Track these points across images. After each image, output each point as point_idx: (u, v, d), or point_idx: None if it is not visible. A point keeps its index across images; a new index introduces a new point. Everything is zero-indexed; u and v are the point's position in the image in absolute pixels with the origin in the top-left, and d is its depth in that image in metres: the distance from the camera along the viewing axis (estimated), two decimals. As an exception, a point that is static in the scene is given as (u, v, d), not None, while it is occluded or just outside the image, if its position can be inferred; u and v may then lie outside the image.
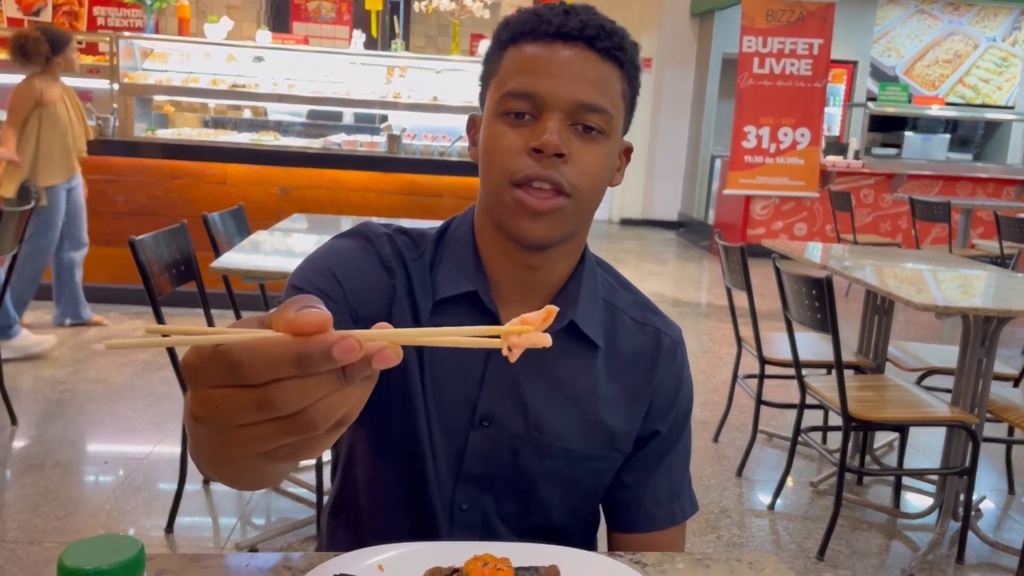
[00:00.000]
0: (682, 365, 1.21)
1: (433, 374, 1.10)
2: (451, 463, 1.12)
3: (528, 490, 1.14)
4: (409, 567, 0.93)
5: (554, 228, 1.03)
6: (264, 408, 0.49)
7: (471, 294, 1.09)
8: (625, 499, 1.19)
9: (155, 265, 2.68)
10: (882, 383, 3.30)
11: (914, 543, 3.19)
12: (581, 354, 1.13)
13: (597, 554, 1.00)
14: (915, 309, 2.84)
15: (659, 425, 1.17)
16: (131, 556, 0.55)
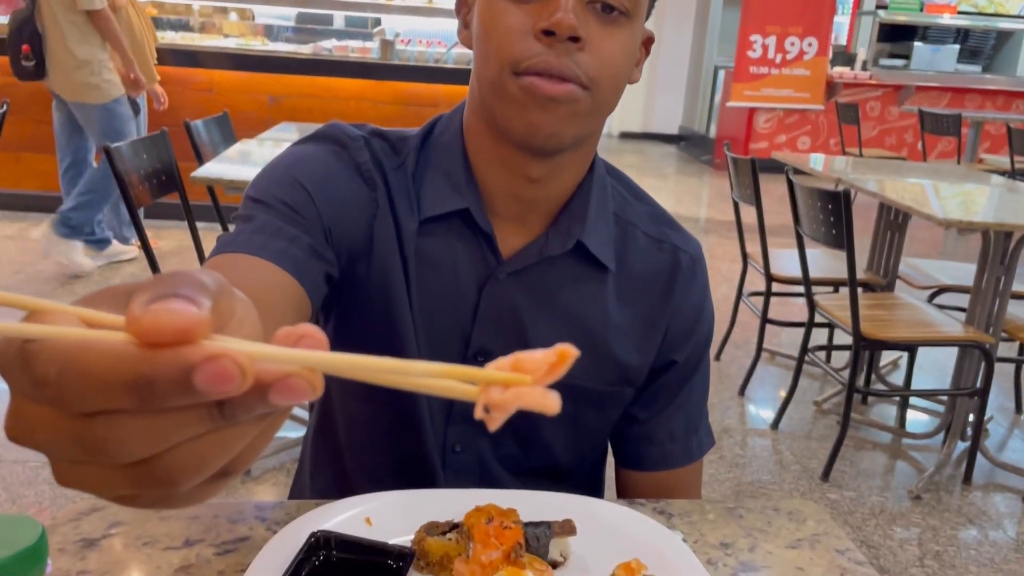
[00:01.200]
0: (703, 286, 1.05)
1: (421, 300, 0.95)
2: (442, 402, 0.98)
3: (529, 430, 1.00)
4: (400, 520, 0.81)
5: (566, 124, 0.85)
6: (89, 450, 0.32)
7: (462, 212, 0.93)
8: (636, 434, 1.06)
9: (134, 175, 2.51)
10: (893, 301, 3.18)
11: (920, 464, 3.13)
12: (589, 278, 0.98)
13: (616, 504, 0.88)
14: (937, 224, 2.69)
15: (676, 355, 1.03)
16: (31, 542, 0.42)
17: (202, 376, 0.30)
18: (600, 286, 0.99)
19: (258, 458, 0.37)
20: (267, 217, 0.87)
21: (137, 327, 0.30)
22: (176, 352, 0.30)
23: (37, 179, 5.54)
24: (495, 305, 0.95)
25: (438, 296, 0.95)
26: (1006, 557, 2.55)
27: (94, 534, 0.80)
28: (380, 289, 0.94)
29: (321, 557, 0.75)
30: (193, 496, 0.36)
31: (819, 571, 0.81)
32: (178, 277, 0.32)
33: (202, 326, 0.30)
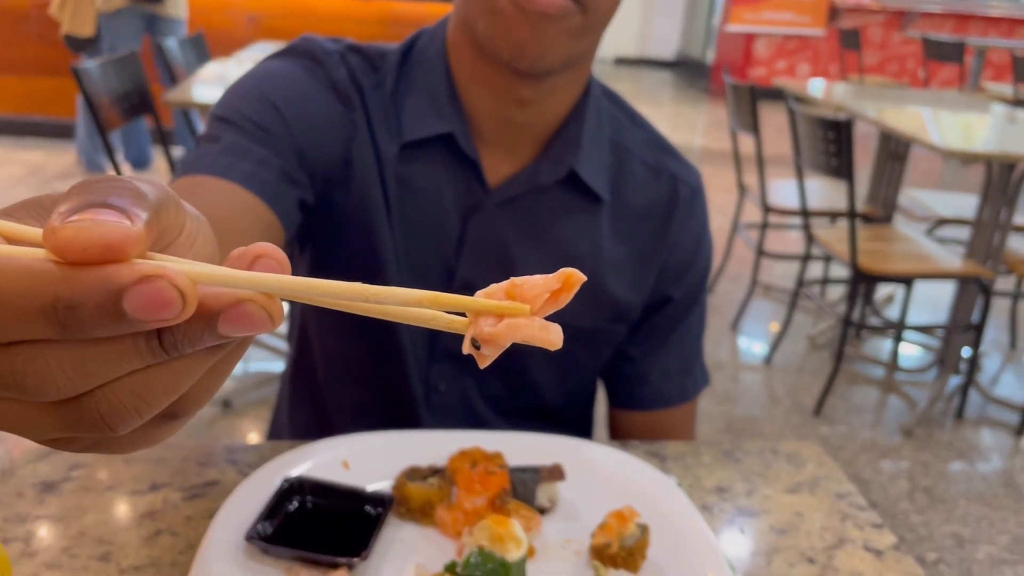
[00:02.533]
0: (702, 219, 0.99)
1: (403, 230, 0.89)
2: (425, 338, 0.92)
3: (516, 369, 0.95)
4: (379, 463, 0.76)
5: (559, 43, 0.79)
6: (7, 385, 0.27)
7: (446, 136, 0.86)
8: (629, 373, 1.01)
9: (104, 97, 2.41)
10: (891, 234, 3.13)
11: (912, 399, 3.12)
12: (582, 209, 0.92)
13: (608, 447, 0.83)
14: (941, 155, 2.62)
15: (672, 291, 0.97)
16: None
17: (133, 300, 0.25)
18: (594, 218, 0.92)
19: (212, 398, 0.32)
20: (234, 137, 0.80)
21: (55, 240, 0.25)
22: (103, 271, 0.25)
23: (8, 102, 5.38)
24: (481, 237, 0.89)
25: (420, 227, 0.89)
26: (995, 492, 2.55)
27: (53, 476, 0.75)
28: (358, 218, 0.87)
29: (295, 503, 0.71)
30: (136, 440, 0.31)
31: (819, 516, 0.77)
32: (111, 183, 0.27)
33: (134, 241, 0.26)
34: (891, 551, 0.73)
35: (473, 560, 0.63)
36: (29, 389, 0.27)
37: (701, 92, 9.77)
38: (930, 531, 2.34)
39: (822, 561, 0.71)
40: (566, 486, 0.75)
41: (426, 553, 0.68)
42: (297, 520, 0.70)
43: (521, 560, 0.64)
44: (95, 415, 0.28)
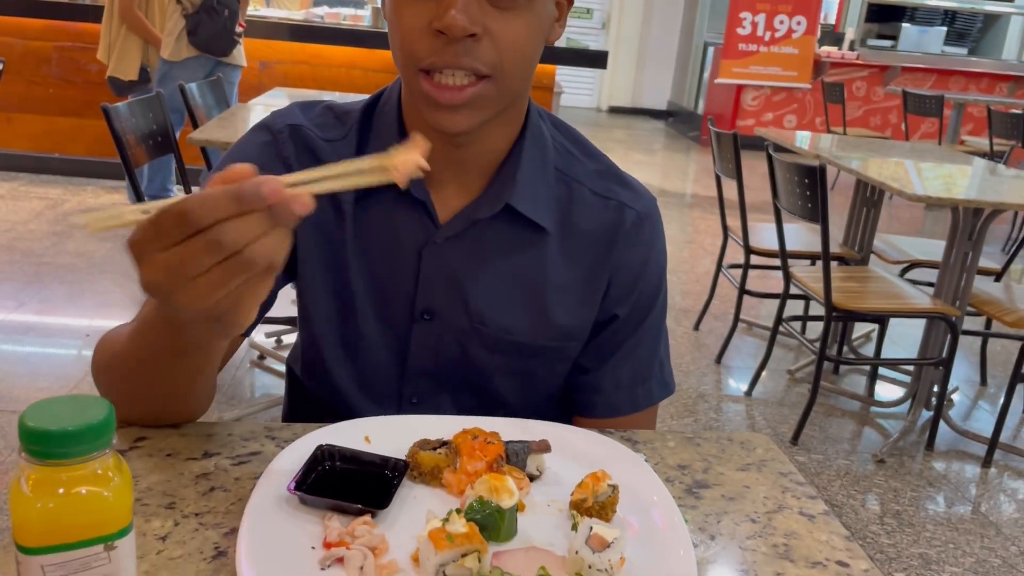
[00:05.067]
0: (650, 242, 1.06)
1: (365, 267, 1.02)
2: (396, 358, 1.05)
3: (482, 384, 1.07)
4: (396, 438, 0.91)
5: (475, 116, 0.90)
6: (212, 249, 0.60)
7: None
8: (584, 384, 1.10)
9: (131, 136, 2.58)
10: (866, 274, 3.30)
11: (886, 430, 3.27)
12: (525, 239, 1.01)
13: (587, 431, 0.98)
14: (908, 200, 2.80)
15: (618, 309, 1.06)
16: (99, 418, 0.51)
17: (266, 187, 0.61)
18: (538, 246, 1.01)
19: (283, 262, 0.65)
20: None
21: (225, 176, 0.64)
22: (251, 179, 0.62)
23: (28, 140, 5.57)
24: (435, 268, 1.01)
25: (380, 263, 1.02)
26: (963, 517, 2.69)
27: (121, 446, 0.89)
28: (326, 260, 1.02)
29: (326, 467, 0.85)
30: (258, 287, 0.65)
31: (764, 488, 0.92)
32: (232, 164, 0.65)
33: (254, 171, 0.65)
34: (821, 516, 0.88)
35: (474, 506, 0.77)
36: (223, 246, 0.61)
37: (691, 141, 10.04)
38: (898, 552, 2.47)
39: (763, 521, 0.86)
40: (551, 458, 0.90)
41: (435, 506, 0.82)
42: (328, 479, 0.84)
43: (513, 508, 0.78)
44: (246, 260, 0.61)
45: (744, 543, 0.82)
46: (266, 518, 0.77)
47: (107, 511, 0.52)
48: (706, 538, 0.82)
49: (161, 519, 0.78)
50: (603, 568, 0.73)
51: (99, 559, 0.52)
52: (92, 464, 0.51)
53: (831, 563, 0.80)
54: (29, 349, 3.33)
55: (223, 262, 0.61)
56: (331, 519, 0.78)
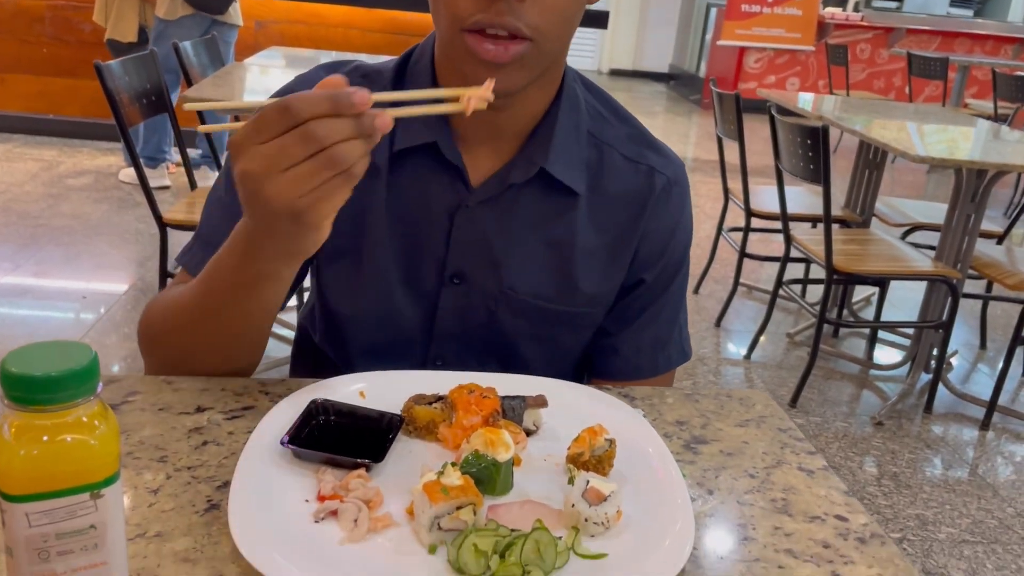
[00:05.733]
0: (679, 208, 1.06)
1: (396, 228, 1.00)
2: (424, 321, 1.04)
3: (507, 348, 1.06)
4: (391, 393, 0.90)
5: (516, 78, 0.88)
6: (306, 140, 0.68)
7: (431, 144, 0.96)
8: (605, 346, 1.10)
9: (124, 95, 2.55)
10: (867, 237, 3.28)
11: (884, 393, 3.27)
12: (558, 203, 1.00)
13: (584, 386, 0.97)
14: (911, 161, 2.77)
15: (644, 274, 1.06)
16: (83, 363, 0.50)
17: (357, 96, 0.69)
18: (570, 210, 1.01)
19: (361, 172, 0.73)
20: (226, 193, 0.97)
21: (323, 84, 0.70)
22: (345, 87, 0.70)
23: (22, 101, 5.51)
24: (467, 232, 1.00)
25: (412, 226, 1.00)
26: (960, 479, 2.70)
27: (113, 400, 0.88)
28: (357, 218, 1.00)
29: (320, 421, 0.84)
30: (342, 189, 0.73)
31: (762, 444, 0.91)
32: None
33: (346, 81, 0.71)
34: (820, 471, 0.87)
35: (470, 460, 0.76)
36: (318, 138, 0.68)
37: (693, 104, 9.95)
38: (895, 513, 2.48)
39: (761, 477, 0.85)
40: (548, 413, 0.89)
41: (430, 460, 0.81)
42: (322, 434, 0.83)
43: (509, 462, 0.77)
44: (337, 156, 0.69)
45: (742, 497, 0.81)
46: (259, 472, 0.76)
47: (93, 459, 0.50)
48: (704, 492, 0.82)
49: (153, 472, 0.77)
50: (599, 521, 0.72)
51: (85, 508, 0.51)
52: (76, 411, 0.50)
53: (830, 517, 0.79)
54: (26, 312, 3.32)
55: (312, 157, 0.69)
56: (325, 473, 0.77)
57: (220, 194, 0.99)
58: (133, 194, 4.60)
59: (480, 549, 0.67)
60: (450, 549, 0.68)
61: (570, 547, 0.70)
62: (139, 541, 0.68)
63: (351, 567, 0.66)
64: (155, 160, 4.76)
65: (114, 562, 0.53)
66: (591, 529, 0.73)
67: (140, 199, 4.37)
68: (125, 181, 4.84)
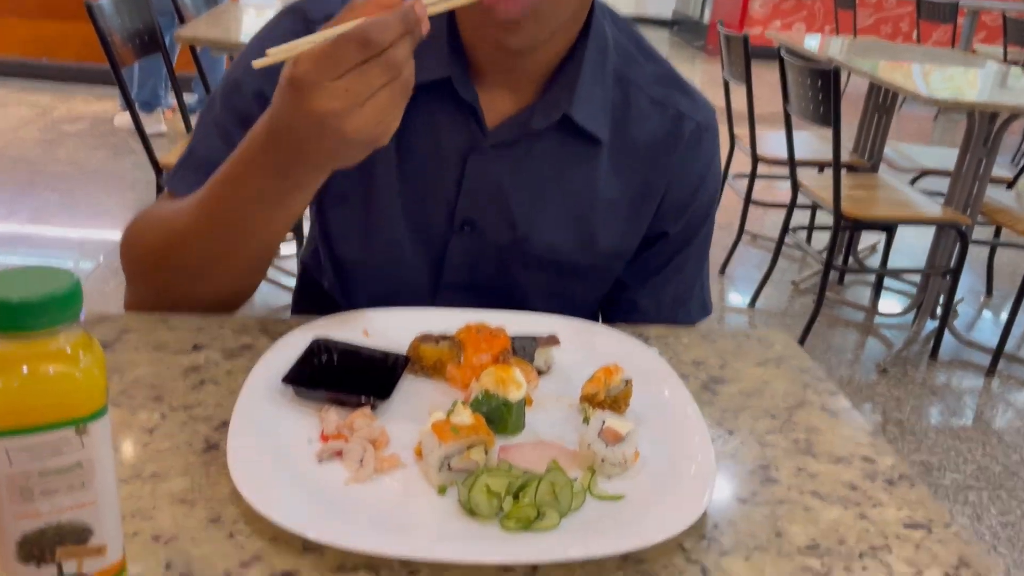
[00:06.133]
0: (709, 156, 0.99)
1: (405, 169, 0.94)
2: (431, 270, 0.99)
3: (518, 302, 1.00)
4: (396, 332, 0.86)
5: (534, 32, 0.83)
6: (389, 69, 0.66)
7: (445, 80, 0.89)
8: (622, 301, 1.05)
9: (116, 35, 2.47)
10: (875, 183, 3.23)
11: (889, 341, 3.24)
12: (578, 152, 0.94)
13: (597, 324, 0.93)
14: (923, 104, 2.71)
15: (668, 226, 1.00)
16: (65, 287, 0.46)
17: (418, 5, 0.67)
18: (591, 160, 0.94)
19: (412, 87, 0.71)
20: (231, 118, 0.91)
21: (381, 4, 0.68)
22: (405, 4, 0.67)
23: (15, 45, 5.40)
24: (479, 177, 0.94)
25: (421, 167, 0.94)
26: (964, 426, 2.69)
27: (106, 338, 0.85)
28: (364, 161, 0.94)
29: (322, 360, 0.81)
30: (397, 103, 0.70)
31: (782, 384, 0.87)
32: None
33: None
34: (844, 411, 0.83)
35: (480, 399, 0.73)
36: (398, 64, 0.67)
37: (697, 50, 9.78)
38: (900, 459, 2.46)
39: (783, 417, 0.81)
40: (560, 353, 0.85)
41: (438, 400, 0.78)
42: (325, 372, 0.79)
43: (521, 401, 0.74)
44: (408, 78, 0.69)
45: (763, 438, 0.78)
46: (259, 411, 0.72)
47: (77, 391, 0.47)
48: (724, 432, 0.78)
49: (148, 411, 0.74)
50: (616, 462, 0.69)
51: (70, 444, 0.47)
52: (58, 339, 0.46)
53: (855, 458, 0.76)
54: (22, 260, 3.27)
55: (389, 83, 0.67)
56: (328, 412, 0.73)
57: (216, 115, 0.93)
58: (128, 140, 4.51)
59: (493, 490, 0.64)
60: (461, 490, 0.64)
61: (586, 488, 0.67)
62: (134, 482, 0.65)
63: (357, 508, 0.63)
64: (150, 105, 4.67)
65: (103, 502, 0.50)
66: (607, 470, 0.69)
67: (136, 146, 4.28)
68: (120, 127, 4.76)
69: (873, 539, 0.66)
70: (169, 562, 0.58)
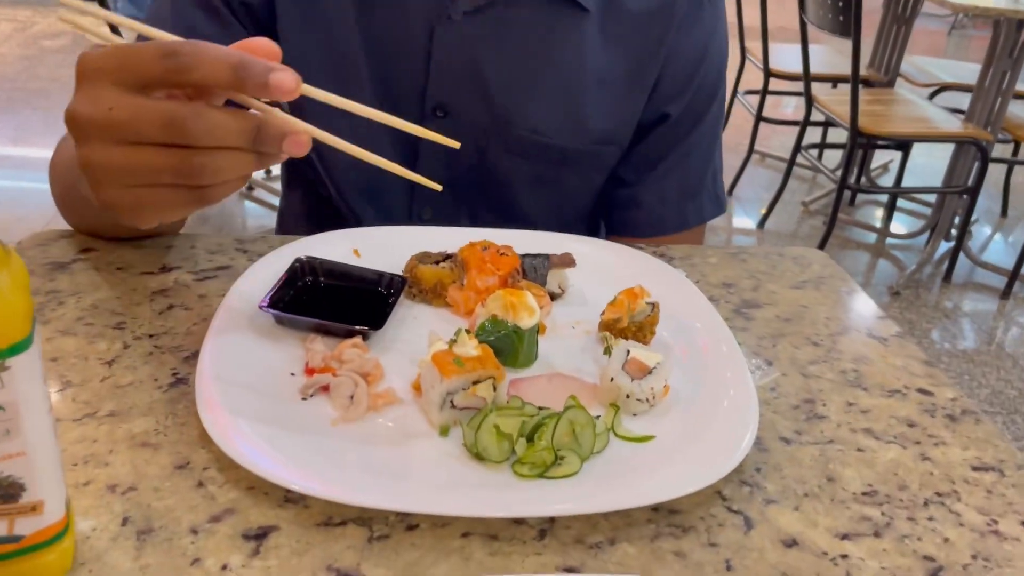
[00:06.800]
0: (712, 24, 0.89)
1: (374, 51, 0.83)
2: (405, 163, 0.90)
3: (504, 196, 0.91)
4: (390, 253, 0.76)
5: None
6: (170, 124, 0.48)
7: None
8: (623, 198, 0.95)
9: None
10: (892, 97, 3.09)
11: (902, 263, 3.15)
12: (563, 20, 0.83)
13: (614, 243, 0.84)
14: (949, 9, 2.55)
15: (669, 107, 0.90)
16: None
17: (275, 76, 0.48)
18: (577, 30, 0.84)
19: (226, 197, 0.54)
20: None
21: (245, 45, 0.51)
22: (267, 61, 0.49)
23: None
24: (450, 51, 0.83)
25: (384, 45, 0.83)
26: (978, 349, 2.62)
27: (63, 258, 0.75)
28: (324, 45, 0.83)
29: (307, 282, 0.71)
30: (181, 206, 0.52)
31: (824, 308, 0.78)
32: None
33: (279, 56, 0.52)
34: (895, 339, 0.75)
35: (487, 326, 0.64)
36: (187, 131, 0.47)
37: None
38: (913, 384, 2.40)
39: (827, 344, 0.73)
40: (575, 275, 0.76)
41: (439, 327, 0.68)
42: (310, 296, 0.70)
43: (533, 328, 0.64)
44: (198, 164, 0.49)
45: (807, 369, 0.69)
46: (235, 340, 0.63)
47: (-13, 320, 0.37)
48: (762, 363, 0.69)
49: (108, 341, 0.64)
50: (644, 398, 0.60)
51: (-15, 385, 0.38)
52: (-45, 255, 0.36)
53: (911, 391, 0.67)
54: (5, 183, 3.15)
55: (170, 148, 0.49)
56: (314, 342, 0.64)
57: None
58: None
59: (503, 431, 0.55)
60: (466, 431, 0.56)
61: (610, 428, 0.58)
62: (87, 423, 0.56)
63: (346, 453, 0.54)
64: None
65: (36, 452, 0.41)
66: (633, 407, 0.60)
67: (119, 61, 4.13)
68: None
69: (938, 484, 0.57)
70: (127, 516, 0.49)
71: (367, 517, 0.50)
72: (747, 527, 0.52)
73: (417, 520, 0.50)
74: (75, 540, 0.47)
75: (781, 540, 0.52)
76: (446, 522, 0.50)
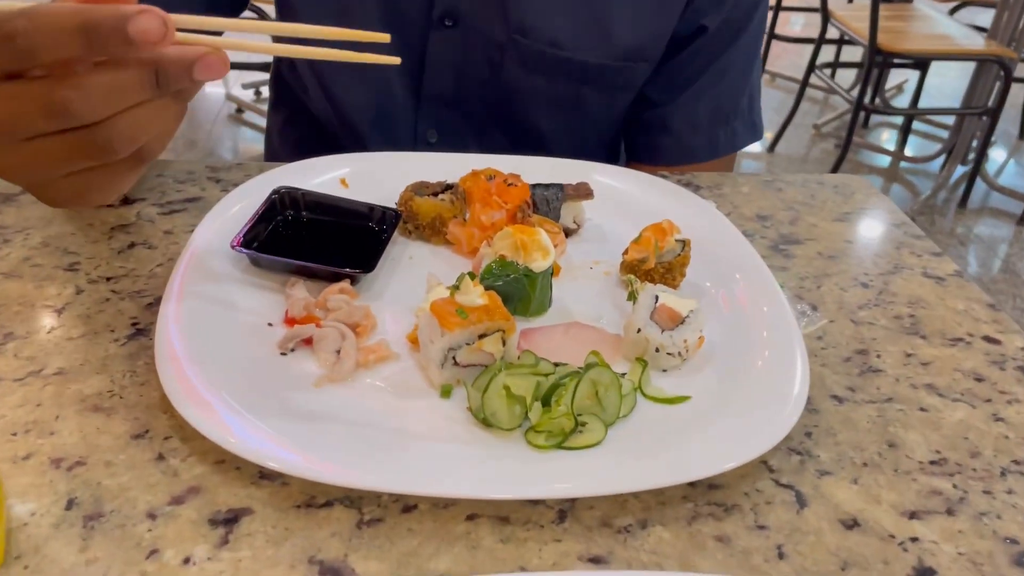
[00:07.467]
0: None
1: None
2: (409, 79, 0.80)
3: (517, 116, 0.82)
4: (383, 183, 0.67)
5: None
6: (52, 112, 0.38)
7: None
8: (650, 121, 0.86)
9: None
10: (912, 13, 2.94)
11: (916, 187, 3.05)
12: None
13: (636, 171, 0.75)
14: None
15: (705, 19, 0.80)
16: None
17: (134, 24, 0.37)
18: None
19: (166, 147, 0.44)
20: None
21: None
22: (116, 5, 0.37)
23: None
24: None
25: None
26: (994, 277, 2.54)
27: (11, 189, 0.66)
28: None
29: (288, 217, 0.63)
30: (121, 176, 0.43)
31: (872, 244, 0.70)
32: None
33: None
34: (953, 278, 0.66)
35: (493, 269, 0.55)
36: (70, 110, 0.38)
37: None
38: (928, 314, 2.33)
39: (877, 286, 0.64)
40: (593, 207, 0.67)
41: (438, 269, 0.60)
42: (290, 233, 0.61)
43: (548, 271, 0.56)
44: (105, 140, 0.40)
45: (857, 315, 0.61)
46: (203, 285, 0.55)
47: None
48: (806, 308, 0.61)
49: (58, 285, 0.56)
50: (676, 351, 0.52)
51: None
52: None
53: (976, 339, 0.59)
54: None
55: (66, 133, 0.40)
56: (295, 287, 0.56)
57: None
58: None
59: (514, 393, 0.47)
60: (471, 393, 0.48)
61: (637, 388, 0.51)
62: (31, 382, 0.48)
63: (332, 419, 0.47)
64: None
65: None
66: (664, 362, 0.53)
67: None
68: None
69: (1015, 450, 0.50)
70: (72, 498, 0.42)
71: (356, 497, 0.43)
72: (800, 505, 0.45)
73: (414, 501, 0.43)
74: (8, 528, 0.39)
75: (840, 520, 0.44)
76: (448, 503, 0.43)
